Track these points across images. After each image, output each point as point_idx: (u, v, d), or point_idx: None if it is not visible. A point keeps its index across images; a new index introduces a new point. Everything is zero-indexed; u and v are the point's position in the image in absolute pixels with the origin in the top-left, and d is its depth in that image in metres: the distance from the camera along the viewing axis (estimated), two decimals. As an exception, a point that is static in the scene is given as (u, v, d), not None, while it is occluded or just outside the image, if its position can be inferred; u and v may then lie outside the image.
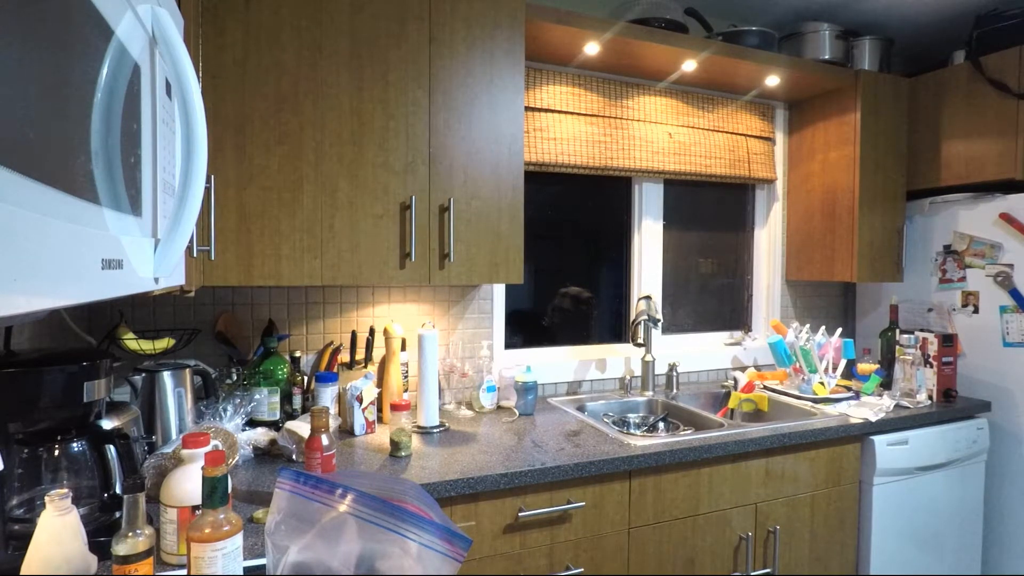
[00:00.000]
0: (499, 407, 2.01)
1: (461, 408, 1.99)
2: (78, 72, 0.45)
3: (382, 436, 1.70)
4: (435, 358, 1.77)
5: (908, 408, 2.06)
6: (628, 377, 2.33)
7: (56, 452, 1.01)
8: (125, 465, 1.00)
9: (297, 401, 1.74)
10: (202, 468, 0.85)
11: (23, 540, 0.83)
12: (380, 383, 1.85)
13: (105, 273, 0.49)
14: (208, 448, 1.01)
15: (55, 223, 0.39)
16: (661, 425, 2.11)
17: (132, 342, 1.51)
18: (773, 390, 2.23)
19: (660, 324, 2.25)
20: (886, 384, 2.30)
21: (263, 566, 1.00)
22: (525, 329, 2.29)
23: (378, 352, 1.93)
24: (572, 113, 2.19)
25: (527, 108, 2.11)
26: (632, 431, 2.09)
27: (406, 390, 1.90)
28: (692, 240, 2.58)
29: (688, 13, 2.18)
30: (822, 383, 2.14)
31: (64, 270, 0.41)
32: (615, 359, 2.33)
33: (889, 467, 1.93)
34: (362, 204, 1.58)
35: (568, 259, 2.39)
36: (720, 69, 2.20)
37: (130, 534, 0.83)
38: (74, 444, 1.02)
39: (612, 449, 1.59)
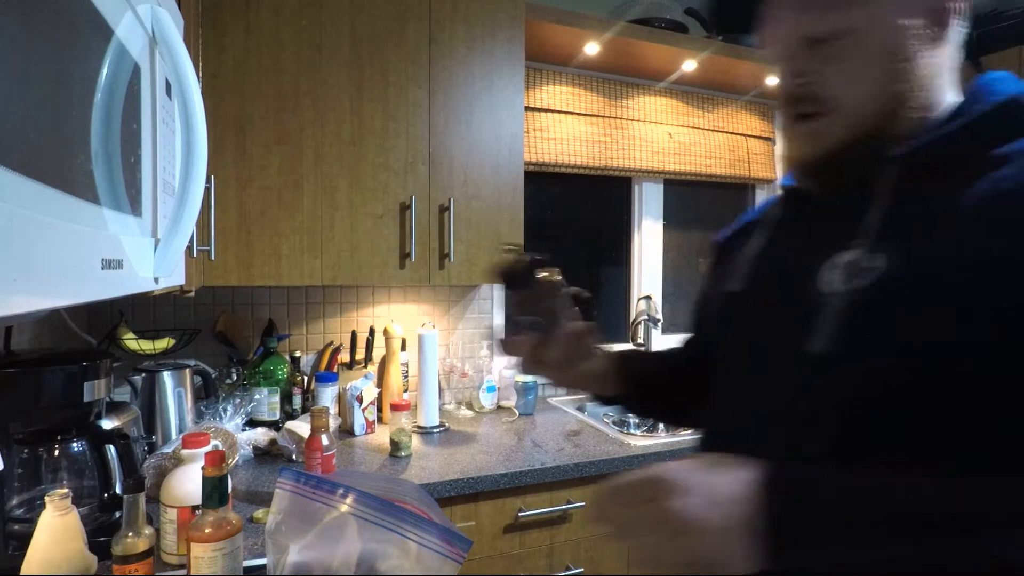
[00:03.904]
0: (499, 407, 2.01)
1: (461, 408, 1.99)
2: (78, 72, 0.45)
3: (382, 436, 1.70)
4: (435, 358, 1.77)
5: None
6: (628, 377, 2.32)
7: (56, 452, 1.01)
8: (125, 465, 1.00)
9: (297, 401, 1.74)
10: (202, 468, 0.85)
11: (23, 540, 0.83)
12: (380, 383, 1.85)
13: (105, 273, 0.49)
14: (208, 448, 1.01)
15: (55, 223, 0.39)
16: (661, 425, 2.11)
17: (132, 342, 1.51)
18: (773, 390, 2.23)
19: (660, 324, 2.25)
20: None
21: (263, 566, 1.00)
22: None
23: (378, 352, 1.92)
24: (572, 113, 2.19)
25: (527, 108, 2.10)
26: (632, 431, 2.09)
27: (406, 390, 1.89)
28: (692, 240, 2.58)
29: (688, 13, 2.18)
30: (822, 383, 2.14)
31: (64, 270, 0.41)
32: (615, 359, 2.33)
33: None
34: (362, 204, 1.58)
35: (568, 259, 2.39)
36: (720, 69, 2.20)
37: (130, 534, 0.83)
38: (74, 444, 1.02)
39: (612, 449, 1.59)
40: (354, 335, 1.87)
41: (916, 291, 0.49)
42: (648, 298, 2.25)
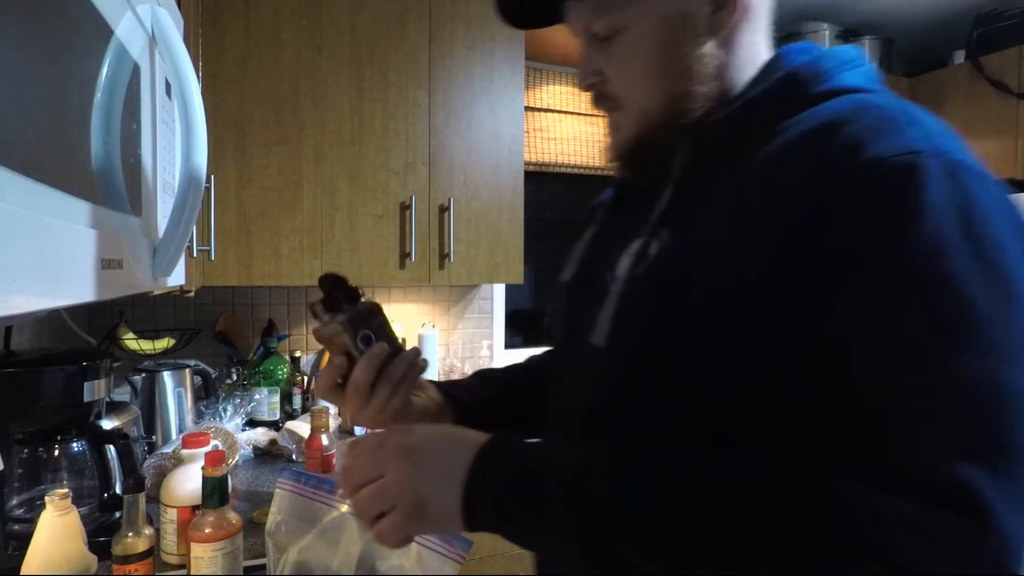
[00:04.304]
0: (499, 407, 2.01)
1: (461, 408, 1.99)
2: (78, 72, 0.45)
3: (382, 436, 1.70)
4: (435, 358, 1.77)
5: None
6: (628, 377, 2.32)
7: (56, 452, 1.01)
8: (125, 465, 1.00)
9: (297, 401, 1.74)
10: (202, 468, 0.85)
11: (23, 540, 0.83)
12: (380, 383, 1.84)
13: (105, 273, 0.49)
14: (208, 448, 1.01)
15: (55, 223, 0.39)
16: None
17: (132, 342, 1.51)
18: (773, 390, 2.23)
19: (660, 324, 2.25)
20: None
21: (263, 566, 1.00)
22: (525, 329, 2.29)
23: (378, 352, 1.92)
24: (572, 113, 2.19)
25: (527, 108, 2.10)
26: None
27: (406, 390, 1.89)
28: (692, 240, 2.58)
29: (688, 13, 2.18)
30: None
31: (64, 270, 0.41)
32: (615, 359, 2.33)
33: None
34: (362, 204, 1.58)
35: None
36: (720, 69, 2.20)
37: (130, 534, 0.83)
38: (74, 444, 1.02)
39: (612, 449, 1.59)
40: (354, 335, 1.87)
41: (677, 273, 0.49)
42: (648, 298, 2.25)
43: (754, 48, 0.55)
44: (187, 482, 0.99)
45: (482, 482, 0.47)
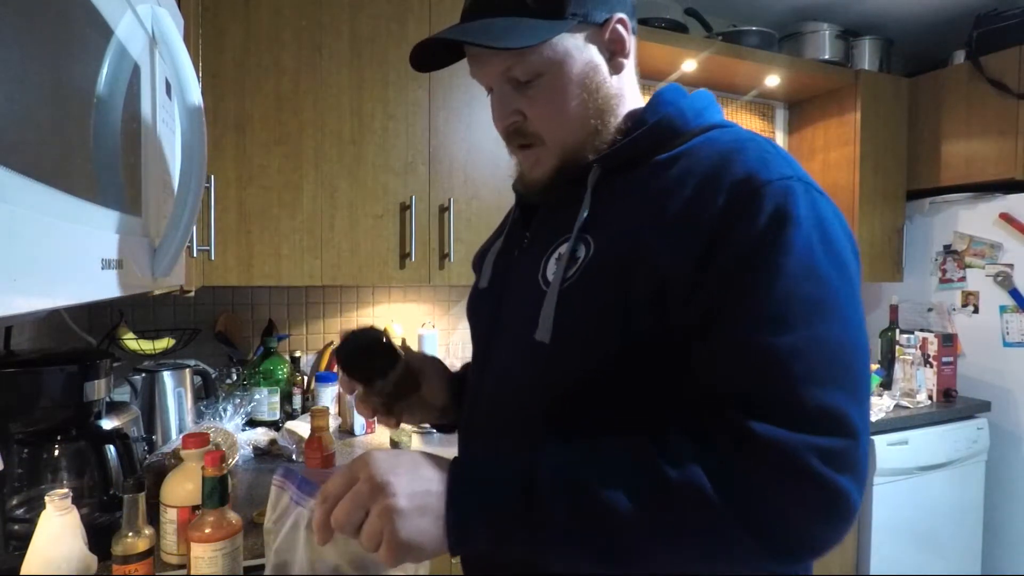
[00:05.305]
0: (499, 407, 2.01)
1: (461, 408, 1.99)
2: (78, 72, 0.45)
3: (382, 436, 1.70)
4: (435, 358, 1.77)
5: (908, 408, 2.06)
6: (628, 377, 2.32)
7: (56, 452, 1.00)
8: (125, 465, 1.00)
9: (297, 401, 1.74)
10: (202, 468, 0.85)
11: (23, 540, 0.83)
12: (380, 383, 1.84)
13: (105, 273, 0.49)
14: (208, 448, 1.01)
15: (55, 223, 0.39)
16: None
17: (132, 342, 1.51)
18: (773, 390, 2.23)
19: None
20: (886, 384, 2.30)
21: (263, 566, 1.00)
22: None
23: (378, 352, 1.92)
24: (572, 113, 2.19)
25: (527, 108, 2.10)
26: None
27: (406, 390, 1.89)
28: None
29: (688, 13, 2.18)
30: (822, 383, 2.14)
31: (64, 270, 0.41)
32: (615, 359, 2.33)
33: (889, 467, 1.93)
34: (362, 204, 1.58)
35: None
36: (720, 69, 2.20)
37: (130, 534, 0.83)
38: (74, 444, 1.02)
39: (612, 449, 1.59)
40: (354, 335, 1.87)
41: (611, 270, 0.58)
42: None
43: (634, 83, 0.69)
44: (187, 482, 0.99)
45: (463, 482, 0.52)
